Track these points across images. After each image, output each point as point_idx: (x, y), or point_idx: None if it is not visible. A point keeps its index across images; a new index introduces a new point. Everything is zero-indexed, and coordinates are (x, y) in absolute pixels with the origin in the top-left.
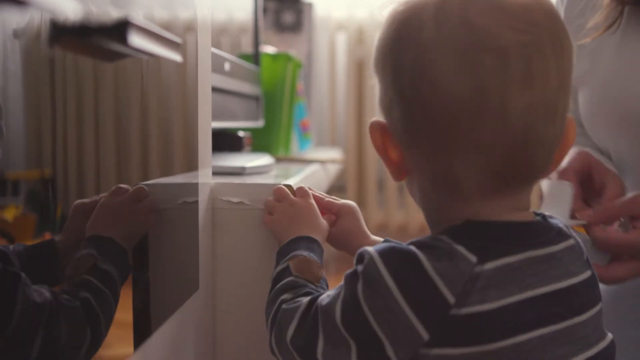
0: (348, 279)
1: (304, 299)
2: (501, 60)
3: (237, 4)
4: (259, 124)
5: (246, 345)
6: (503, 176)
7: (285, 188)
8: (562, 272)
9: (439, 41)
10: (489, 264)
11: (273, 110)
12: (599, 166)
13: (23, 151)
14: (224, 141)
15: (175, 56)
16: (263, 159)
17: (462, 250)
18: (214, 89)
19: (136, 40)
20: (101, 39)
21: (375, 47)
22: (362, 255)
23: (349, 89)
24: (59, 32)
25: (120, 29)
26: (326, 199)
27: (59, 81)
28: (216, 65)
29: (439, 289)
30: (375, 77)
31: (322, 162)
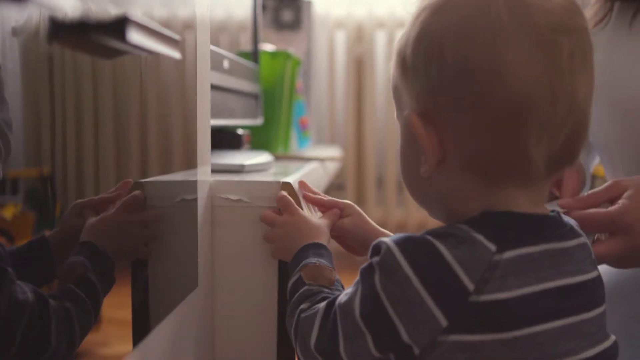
0: (364, 273)
1: (321, 304)
2: (574, 43)
3: (236, 2)
4: (258, 121)
5: (245, 342)
6: (554, 161)
7: (269, 212)
8: (574, 268)
9: (513, 24)
10: (508, 253)
11: (272, 108)
12: None
13: (22, 149)
14: (223, 139)
15: (174, 53)
16: (262, 157)
17: (481, 239)
18: (213, 87)
19: (135, 37)
20: (100, 36)
21: (415, 35)
22: (378, 246)
23: (348, 87)
24: (57, 29)
25: (119, 26)
26: (326, 198)
27: (57, 78)
28: (215, 63)
29: (457, 275)
30: (400, 68)
31: (321, 159)
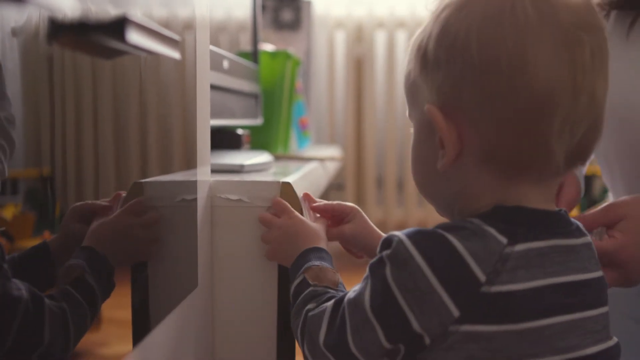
0: (374, 267)
1: (328, 302)
2: (595, 41)
3: (236, 2)
4: (258, 121)
5: (245, 342)
6: (570, 157)
7: (267, 214)
8: (580, 265)
9: (539, 20)
10: (519, 246)
11: (272, 108)
12: None
13: (22, 149)
14: (223, 139)
15: (173, 54)
16: (262, 157)
17: (492, 232)
18: (213, 87)
19: (134, 37)
20: (99, 36)
21: (438, 30)
22: (389, 240)
23: (348, 87)
24: (57, 29)
25: (118, 26)
26: (330, 204)
27: (57, 79)
28: (215, 63)
29: (469, 266)
30: (420, 63)
31: (321, 159)
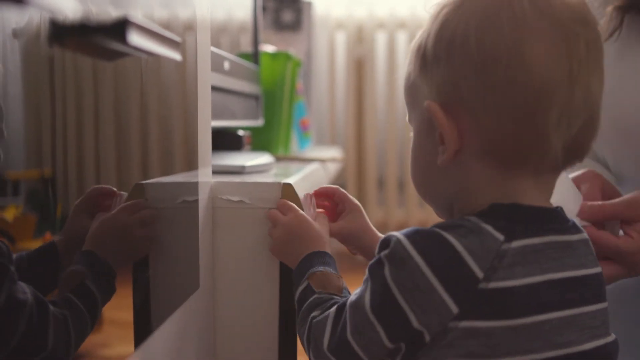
0: (373, 268)
1: (331, 309)
2: (590, 35)
3: (237, 3)
4: (259, 122)
5: (247, 343)
6: (567, 152)
7: (275, 211)
8: (577, 262)
9: (535, 14)
10: (516, 243)
11: (273, 109)
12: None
13: (23, 151)
14: (224, 140)
15: (174, 55)
16: (263, 158)
17: (489, 229)
18: (214, 88)
19: (135, 39)
20: (101, 38)
21: (437, 28)
22: (388, 240)
23: (349, 88)
24: (58, 31)
25: (119, 28)
26: (341, 191)
27: (58, 80)
28: (216, 65)
29: (467, 264)
30: (419, 62)
31: (322, 160)
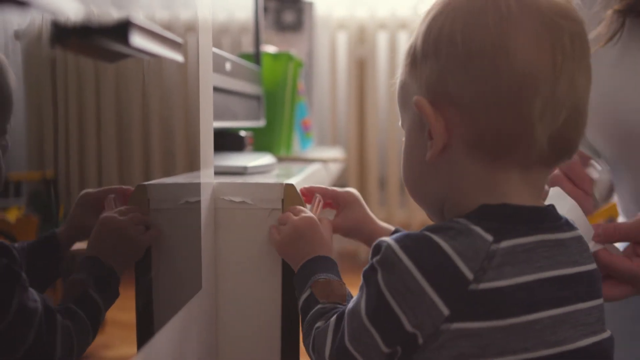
0: (367, 275)
1: (332, 318)
2: (575, 29)
3: (238, 4)
4: (261, 123)
5: (249, 344)
6: (554, 146)
7: (287, 212)
8: (570, 259)
9: (520, 9)
10: (504, 243)
11: (274, 110)
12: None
13: (25, 152)
14: (226, 141)
15: (176, 56)
16: (265, 159)
17: (478, 230)
18: (216, 89)
19: (137, 40)
20: (102, 39)
21: (425, 28)
22: (379, 246)
23: (350, 88)
24: (60, 32)
25: (121, 29)
26: (330, 189)
27: (60, 82)
28: (217, 65)
29: (457, 266)
30: (409, 63)
31: (324, 161)
